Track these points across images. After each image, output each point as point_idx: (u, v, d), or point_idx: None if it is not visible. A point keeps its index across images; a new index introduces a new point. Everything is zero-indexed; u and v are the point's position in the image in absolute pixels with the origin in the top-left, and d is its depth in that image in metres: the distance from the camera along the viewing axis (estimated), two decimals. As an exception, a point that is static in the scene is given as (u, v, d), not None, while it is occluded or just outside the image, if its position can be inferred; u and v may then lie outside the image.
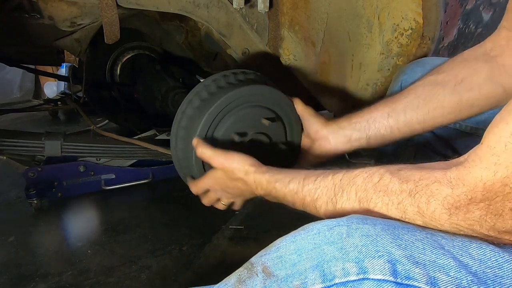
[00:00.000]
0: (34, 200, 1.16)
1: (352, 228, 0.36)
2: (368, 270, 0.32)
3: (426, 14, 0.91)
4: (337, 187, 0.46)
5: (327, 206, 0.46)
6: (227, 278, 0.42)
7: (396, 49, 0.98)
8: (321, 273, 0.34)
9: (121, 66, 1.78)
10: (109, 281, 0.89)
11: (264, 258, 0.39)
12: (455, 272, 0.31)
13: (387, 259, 0.32)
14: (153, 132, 1.42)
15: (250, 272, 0.39)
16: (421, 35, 0.94)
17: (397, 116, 0.66)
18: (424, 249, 0.33)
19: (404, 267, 0.32)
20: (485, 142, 0.35)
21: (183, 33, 1.24)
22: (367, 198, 0.42)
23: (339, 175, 0.47)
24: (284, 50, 0.96)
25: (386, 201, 0.40)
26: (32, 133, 1.10)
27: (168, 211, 1.22)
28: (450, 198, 0.35)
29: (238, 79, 0.73)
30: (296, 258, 0.36)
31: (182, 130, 0.72)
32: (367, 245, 0.34)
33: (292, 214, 0.54)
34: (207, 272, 0.93)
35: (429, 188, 0.37)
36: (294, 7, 0.92)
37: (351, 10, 0.94)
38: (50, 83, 2.86)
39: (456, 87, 0.63)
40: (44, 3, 0.87)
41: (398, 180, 0.40)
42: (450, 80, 0.63)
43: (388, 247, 0.33)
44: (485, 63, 0.62)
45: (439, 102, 0.64)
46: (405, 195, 0.39)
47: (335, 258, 0.34)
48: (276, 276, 0.37)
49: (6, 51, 1.37)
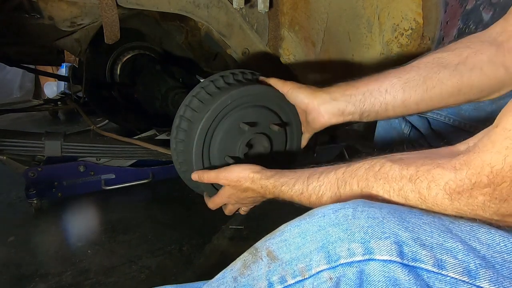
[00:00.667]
0: (34, 200, 1.16)
1: (358, 211, 0.35)
2: (374, 250, 0.32)
3: (426, 14, 0.91)
4: (340, 180, 0.46)
5: (332, 201, 0.46)
6: (232, 263, 0.42)
7: (396, 49, 0.98)
8: (326, 254, 0.34)
9: (121, 66, 1.78)
10: (109, 281, 0.89)
11: (269, 242, 0.39)
12: (463, 255, 0.31)
13: (394, 241, 0.32)
14: (153, 132, 1.42)
15: (255, 257, 0.39)
16: (421, 35, 0.94)
17: (395, 93, 0.63)
18: (431, 232, 0.33)
19: (410, 248, 0.31)
20: (500, 124, 0.33)
21: (183, 33, 1.24)
22: (368, 187, 0.42)
23: (341, 170, 0.47)
24: (284, 50, 0.96)
25: (387, 188, 0.40)
26: (32, 133, 1.10)
27: (168, 211, 1.22)
28: (452, 183, 0.35)
29: (236, 80, 0.73)
30: (300, 241, 0.36)
31: (181, 133, 0.73)
32: (373, 226, 0.33)
33: (292, 214, 0.54)
34: (207, 272, 0.93)
35: (430, 172, 0.36)
36: (294, 7, 0.92)
37: (351, 10, 0.94)
38: (50, 83, 2.86)
39: (458, 66, 0.61)
40: (44, 3, 0.87)
41: (399, 167, 0.39)
42: (452, 59, 0.62)
43: (394, 229, 0.33)
44: (490, 45, 0.60)
45: (439, 80, 0.61)
46: (406, 181, 0.38)
47: (340, 239, 0.34)
48: (280, 260, 0.37)
49: (6, 51, 1.37)
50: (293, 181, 0.54)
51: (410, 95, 0.63)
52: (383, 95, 0.64)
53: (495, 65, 0.60)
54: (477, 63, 0.60)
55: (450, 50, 0.63)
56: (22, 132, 1.10)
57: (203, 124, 0.68)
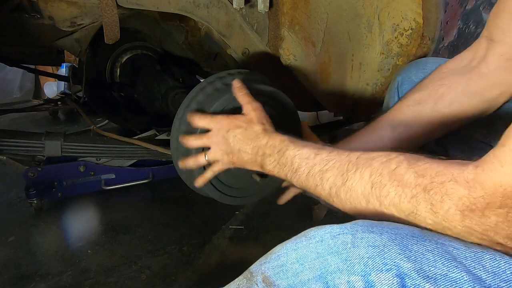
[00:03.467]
0: (34, 200, 1.16)
1: (358, 238, 0.34)
2: (375, 284, 0.31)
3: (426, 14, 0.91)
4: (352, 164, 0.44)
5: (335, 180, 0.44)
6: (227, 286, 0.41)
7: (396, 49, 0.98)
8: (325, 285, 0.33)
9: (121, 66, 1.78)
10: (109, 281, 0.89)
11: (264, 266, 0.38)
12: (468, 286, 0.30)
13: (396, 273, 0.31)
14: (153, 132, 1.42)
15: (250, 282, 0.38)
16: (421, 35, 0.94)
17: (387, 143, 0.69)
18: (435, 261, 0.31)
19: (413, 281, 0.30)
20: (507, 143, 0.33)
21: (183, 33, 1.24)
22: (380, 184, 0.40)
23: (356, 153, 0.45)
24: (284, 50, 0.96)
25: (399, 192, 0.38)
26: (32, 133, 1.10)
27: (168, 211, 1.22)
28: (466, 200, 0.34)
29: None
30: (298, 268, 0.35)
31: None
32: (374, 257, 0.32)
33: (292, 214, 0.54)
34: (207, 272, 0.93)
35: (444, 186, 0.35)
36: (294, 7, 0.92)
37: (351, 10, 0.94)
38: (50, 83, 2.86)
39: (436, 105, 0.65)
40: (44, 3, 0.87)
41: (415, 173, 0.38)
42: (430, 98, 0.66)
43: (396, 260, 0.31)
44: (461, 76, 0.64)
45: (424, 121, 0.66)
46: (420, 190, 0.37)
47: (339, 270, 0.33)
48: (277, 286, 0.36)
49: (6, 51, 1.37)
50: (303, 144, 0.52)
51: (401, 141, 0.69)
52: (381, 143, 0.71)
53: (470, 96, 0.63)
54: (453, 97, 0.64)
55: (426, 89, 0.68)
56: (22, 132, 1.10)
57: None
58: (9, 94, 2.81)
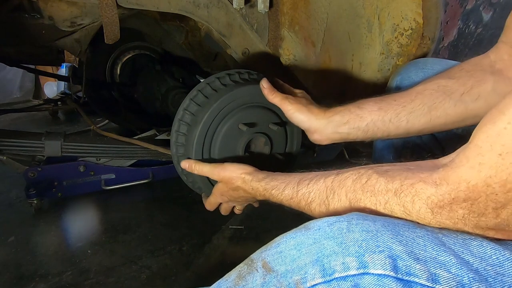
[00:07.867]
0: (34, 200, 1.16)
1: (353, 224, 0.36)
2: (368, 264, 0.32)
3: (426, 14, 0.91)
4: (329, 189, 0.46)
5: (320, 208, 0.47)
6: (228, 274, 0.42)
7: (396, 49, 0.98)
8: (321, 268, 0.34)
9: (121, 66, 1.78)
10: (109, 281, 0.89)
11: (264, 254, 0.39)
12: (456, 269, 0.31)
13: (388, 254, 0.32)
14: (153, 132, 1.42)
15: (250, 268, 0.39)
16: (421, 35, 0.93)
17: (398, 123, 0.65)
18: (425, 245, 0.33)
19: (405, 262, 0.32)
20: (473, 141, 0.35)
21: (183, 33, 1.24)
22: (356, 199, 0.43)
23: (330, 178, 0.47)
24: (284, 50, 0.96)
25: (374, 201, 0.41)
26: (32, 133, 1.10)
27: (168, 211, 1.22)
28: (434, 198, 0.36)
29: (233, 80, 0.73)
30: (295, 254, 0.37)
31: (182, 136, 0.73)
32: (368, 240, 0.34)
33: (292, 214, 0.54)
34: (207, 272, 0.93)
35: (413, 187, 0.37)
36: (294, 7, 0.92)
37: (351, 10, 0.94)
38: (50, 83, 2.86)
39: (463, 96, 0.62)
40: (44, 3, 0.87)
41: (385, 180, 0.40)
42: (457, 89, 0.63)
43: (388, 243, 0.33)
44: (491, 75, 0.62)
45: (444, 110, 0.63)
46: (391, 195, 0.39)
47: (335, 252, 0.34)
48: (276, 271, 0.37)
49: (6, 51, 1.37)
50: (283, 186, 0.54)
51: (413, 124, 0.65)
52: (387, 125, 0.66)
53: (498, 95, 0.61)
54: (482, 93, 0.62)
55: (455, 78, 0.64)
56: (22, 132, 1.10)
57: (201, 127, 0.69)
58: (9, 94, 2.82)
